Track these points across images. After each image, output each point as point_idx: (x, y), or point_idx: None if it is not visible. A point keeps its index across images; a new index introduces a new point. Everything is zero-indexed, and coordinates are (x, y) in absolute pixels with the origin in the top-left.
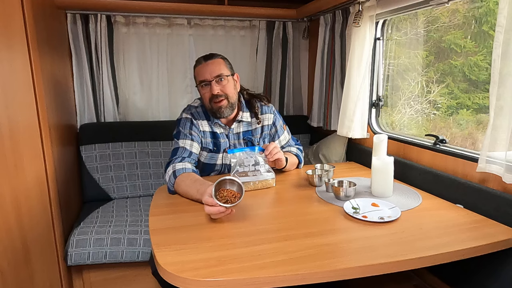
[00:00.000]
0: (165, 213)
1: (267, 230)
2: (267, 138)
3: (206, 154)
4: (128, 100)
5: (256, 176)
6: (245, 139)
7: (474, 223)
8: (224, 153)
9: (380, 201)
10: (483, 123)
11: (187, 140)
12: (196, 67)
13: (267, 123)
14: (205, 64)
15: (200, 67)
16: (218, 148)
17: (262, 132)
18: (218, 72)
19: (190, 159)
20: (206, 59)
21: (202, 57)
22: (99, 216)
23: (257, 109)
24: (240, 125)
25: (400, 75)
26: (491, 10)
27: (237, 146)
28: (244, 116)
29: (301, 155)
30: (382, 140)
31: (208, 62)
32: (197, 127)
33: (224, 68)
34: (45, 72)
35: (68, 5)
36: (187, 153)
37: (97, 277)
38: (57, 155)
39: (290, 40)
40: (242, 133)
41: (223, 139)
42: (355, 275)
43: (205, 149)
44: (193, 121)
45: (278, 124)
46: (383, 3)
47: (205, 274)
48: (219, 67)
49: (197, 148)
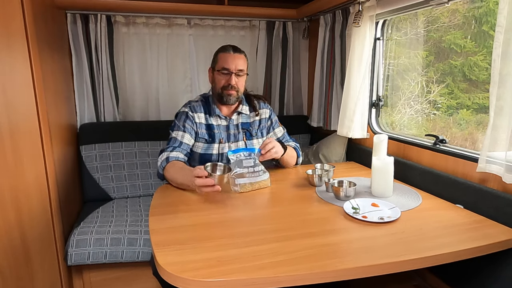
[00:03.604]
0: (165, 213)
1: (267, 230)
2: (264, 130)
3: (202, 145)
4: (128, 100)
5: (254, 178)
6: (244, 129)
7: (474, 223)
8: (220, 144)
9: (380, 201)
10: (483, 123)
11: (179, 131)
12: (222, 53)
13: (264, 116)
14: (233, 56)
15: (228, 55)
16: (213, 139)
17: (260, 124)
18: (242, 67)
19: (180, 148)
20: (234, 51)
21: (230, 46)
22: (99, 216)
23: (255, 104)
24: (239, 117)
25: (400, 75)
26: (491, 10)
27: (236, 136)
28: (244, 109)
29: (299, 151)
30: (382, 140)
31: (236, 55)
32: (191, 119)
33: (245, 66)
34: (45, 72)
35: (68, 5)
36: (178, 143)
37: (97, 277)
38: (57, 155)
39: (290, 40)
40: (241, 123)
41: (217, 130)
42: (355, 276)
43: (201, 140)
44: (188, 114)
45: (273, 118)
46: (383, 3)
47: (205, 274)
48: (243, 63)
49: (189, 139)
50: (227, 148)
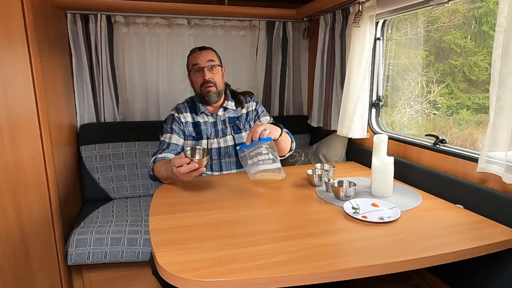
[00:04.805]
0: (165, 213)
1: (267, 230)
2: (252, 122)
3: (191, 143)
4: (128, 100)
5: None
6: (231, 123)
7: (474, 223)
8: (209, 140)
9: (380, 201)
10: (483, 123)
11: (167, 134)
12: (190, 56)
13: (251, 109)
14: (200, 53)
15: (195, 55)
16: (200, 135)
17: (247, 117)
18: (211, 58)
19: (168, 149)
20: (200, 49)
21: (196, 48)
22: (99, 216)
23: (241, 99)
24: (226, 112)
25: (400, 75)
26: (491, 10)
27: (224, 131)
28: (229, 104)
29: (291, 136)
30: (382, 140)
31: (202, 52)
32: (178, 120)
33: (216, 58)
34: (45, 72)
35: (68, 5)
36: (166, 145)
37: (97, 277)
38: (57, 155)
39: (290, 40)
40: (228, 118)
41: (204, 127)
42: (355, 276)
43: (189, 138)
44: (174, 115)
45: (259, 109)
46: (383, 3)
47: (205, 274)
48: (211, 56)
49: (177, 139)
50: (216, 144)
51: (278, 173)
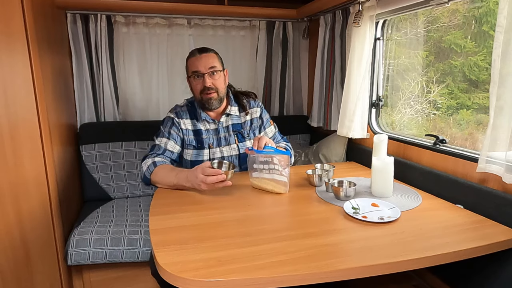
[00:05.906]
0: (165, 213)
1: (267, 230)
2: (256, 131)
3: (192, 152)
4: (128, 100)
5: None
6: (235, 131)
7: (474, 223)
8: (211, 149)
9: (380, 201)
10: (483, 123)
11: (163, 138)
12: (190, 59)
13: (255, 116)
14: (200, 57)
15: (194, 59)
16: (202, 145)
17: (251, 125)
18: (213, 64)
19: (163, 155)
20: (200, 52)
21: (196, 50)
22: (99, 216)
23: (245, 103)
24: (229, 118)
25: (400, 75)
26: (491, 10)
27: (228, 140)
28: (233, 110)
29: (290, 151)
30: (382, 140)
31: (203, 55)
32: (177, 126)
33: (217, 62)
34: (45, 72)
35: (68, 5)
36: (161, 150)
37: (97, 277)
38: (57, 155)
39: (290, 40)
40: (232, 125)
41: (206, 136)
42: (355, 276)
43: (189, 147)
44: (174, 120)
45: (264, 117)
46: (383, 3)
47: (205, 274)
48: (213, 61)
49: (172, 146)
50: (219, 153)
51: (282, 186)
